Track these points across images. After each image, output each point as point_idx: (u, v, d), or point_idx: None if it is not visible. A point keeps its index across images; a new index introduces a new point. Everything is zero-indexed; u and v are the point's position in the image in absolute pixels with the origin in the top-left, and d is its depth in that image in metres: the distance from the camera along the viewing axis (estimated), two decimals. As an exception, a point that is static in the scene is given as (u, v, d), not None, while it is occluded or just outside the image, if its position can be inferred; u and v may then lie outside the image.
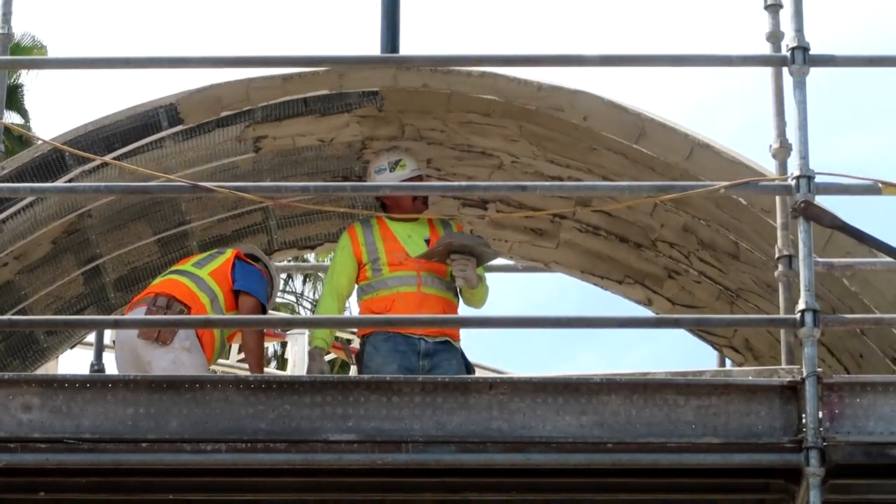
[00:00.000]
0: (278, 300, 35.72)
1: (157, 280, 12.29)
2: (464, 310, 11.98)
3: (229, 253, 12.13)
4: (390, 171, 11.99)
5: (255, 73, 11.86)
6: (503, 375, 10.60)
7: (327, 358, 13.21)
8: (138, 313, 11.83)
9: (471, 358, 12.14)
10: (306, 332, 21.55)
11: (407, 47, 13.32)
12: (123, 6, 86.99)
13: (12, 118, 37.64)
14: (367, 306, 11.99)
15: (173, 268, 12.25)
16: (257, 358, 12.05)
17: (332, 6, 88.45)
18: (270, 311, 13.71)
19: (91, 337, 14.29)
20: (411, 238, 11.85)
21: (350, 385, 9.88)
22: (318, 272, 41.08)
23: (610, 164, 12.06)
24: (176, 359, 11.54)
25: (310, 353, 12.34)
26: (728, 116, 75.54)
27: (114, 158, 11.42)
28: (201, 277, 11.89)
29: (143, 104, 11.84)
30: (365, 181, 12.52)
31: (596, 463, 9.26)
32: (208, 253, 12.37)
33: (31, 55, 39.28)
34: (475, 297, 11.84)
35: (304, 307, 47.33)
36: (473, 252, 11.64)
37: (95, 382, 10.28)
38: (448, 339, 11.61)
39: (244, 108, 11.94)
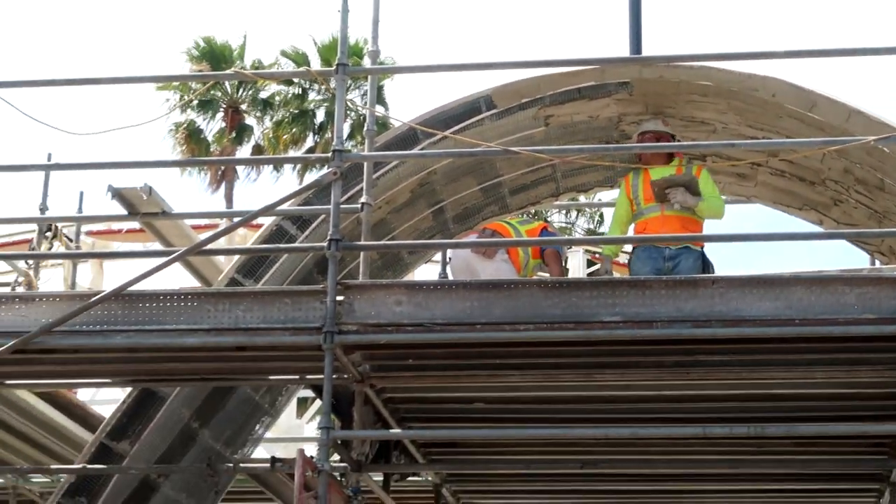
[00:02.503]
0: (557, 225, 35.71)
1: (489, 222, 12.77)
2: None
3: (538, 224, 12.72)
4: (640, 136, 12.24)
5: (541, 72, 12.14)
6: (721, 275, 10.63)
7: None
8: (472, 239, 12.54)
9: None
10: (580, 249, 21.79)
11: (647, 48, 13.48)
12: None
13: (378, 109, 38.24)
14: (636, 228, 12.24)
15: (503, 217, 12.76)
16: (557, 274, 12.44)
17: (585, 15, 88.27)
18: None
19: (438, 255, 14.55)
20: None
21: (616, 283, 10.13)
22: (586, 208, 40.57)
23: (791, 127, 12.08)
24: (497, 268, 11.83)
25: (602, 259, 12.77)
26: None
27: (451, 133, 11.66)
28: (519, 230, 12.39)
29: (468, 95, 12.12)
30: (620, 143, 12.75)
31: (786, 333, 9.35)
32: (526, 217, 12.95)
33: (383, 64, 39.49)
34: (703, 211, 11.87)
35: (577, 232, 46.92)
36: (681, 184, 11.80)
37: (444, 285, 10.62)
38: (687, 245, 11.70)
39: (537, 96, 12.14)
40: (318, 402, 25.05)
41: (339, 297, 9.76)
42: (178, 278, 11.52)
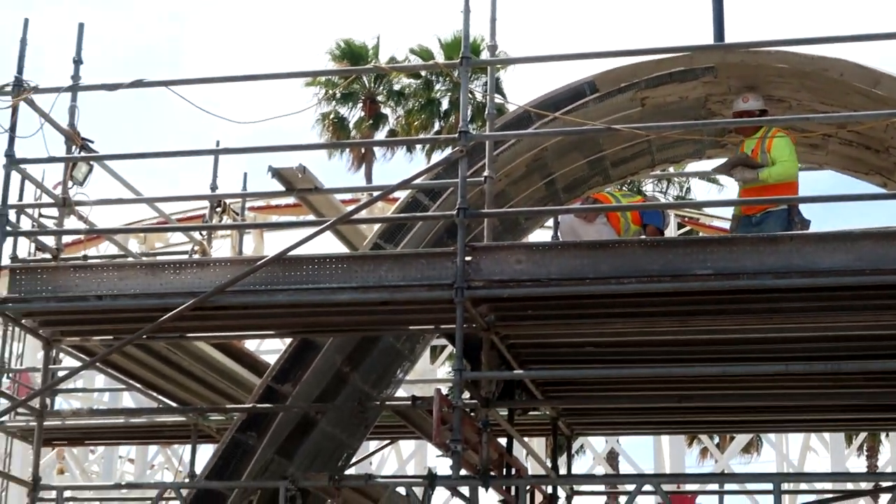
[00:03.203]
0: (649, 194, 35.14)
1: (594, 192, 12.74)
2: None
3: (639, 198, 12.76)
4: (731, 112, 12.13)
5: (637, 59, 12.05)
6: (797, 232, 10.54)
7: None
8: None
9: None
10: (671, 213, 21.70)
11: (729, 34, 13.27)
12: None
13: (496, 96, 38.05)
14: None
15: (607, 189, 12.69)
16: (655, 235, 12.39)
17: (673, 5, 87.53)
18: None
19: (550, 221, 14.47)
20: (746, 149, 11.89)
21: (707, 241, 10.14)
22: (675, 178, 39.89)
23: (857, 102, 11.87)
24: (598, 231, 11.79)
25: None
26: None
27: (560, 114, 11.62)
28: (621, 200, 12.29)
29: (574, 82, 12.07)
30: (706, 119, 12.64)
31: (857, 282, 9.31)
32: (630, 191, 12.86)
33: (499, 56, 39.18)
34: (770, 178, 11.58)
35: (668, 198, 46.39)
36: (740, 163, 11.67)
37: (557, 246, 10.69)
38: (768, 211, 11.49)
39: (633, 81, 12.04)
40: (450, 349, 25.14)
41: (468, 258, 9.82)
42: (329, 244, 11.62)
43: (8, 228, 10.87)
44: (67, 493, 13.18)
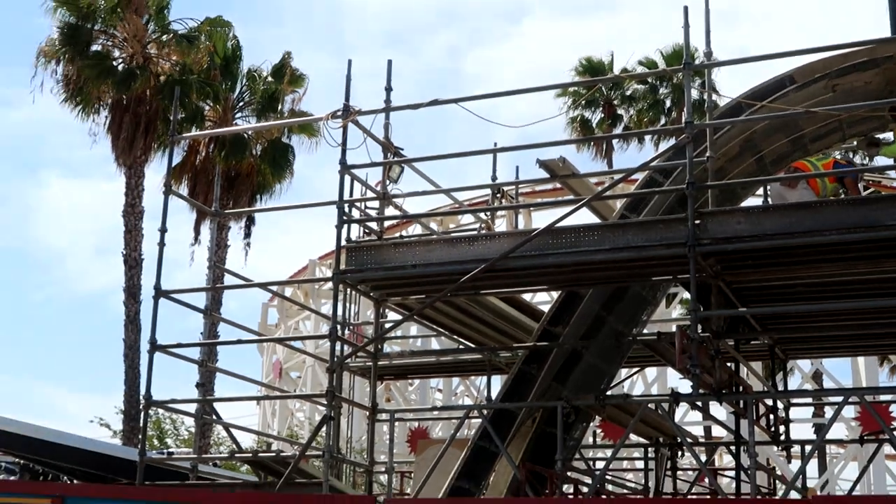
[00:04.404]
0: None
1: (794, 162, 12.11)
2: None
3: (831, 159, 12.01)
4: None
5: (827, 54, 11.51)
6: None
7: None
8: None
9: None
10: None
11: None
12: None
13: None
14: None
15: (805, 158, 12.12)
16: (854, 194, 11.70)
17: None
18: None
19: (760, 190, 13.78)
20: None
21: (893, 198, 9.58)
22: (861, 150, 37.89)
23: None
24: (800, 195, 11.29)
25: None
26: None
27: (766, 103, 11.27)
28: (816, 165, 11.73)
29: (776, 76, 11.79)
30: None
31: None
32: (823, 154, 12.16)
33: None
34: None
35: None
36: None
37: (768, 208, 10.46)
38: None
39: (826, 72, 11.59)
40: (683, 294, 24.65)
41: (697, 221, 9.65)
42: (585, 217, 11.59)
43: (344, 218, 11.21)
44: (398, 416, 13.66)
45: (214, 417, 13.43)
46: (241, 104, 29.18)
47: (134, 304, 26.63)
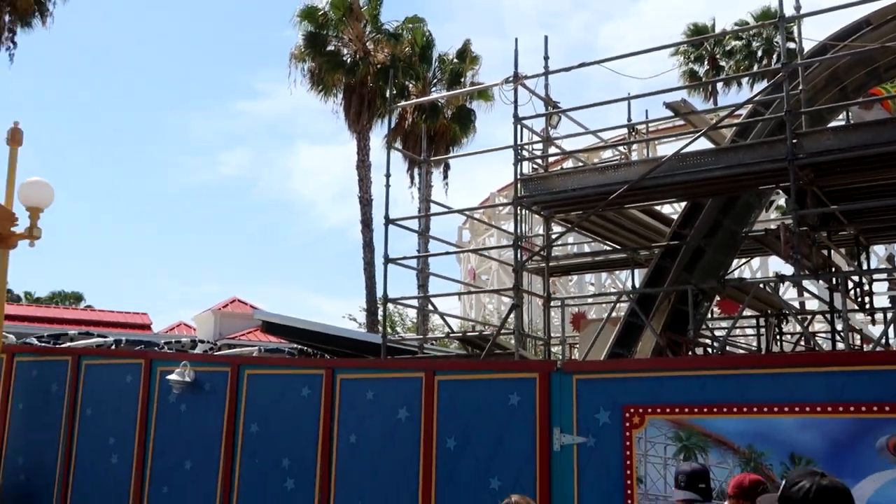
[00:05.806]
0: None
1: (872, 88, 10.95)
2: None
3: None
4: None
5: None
6: None
7: None
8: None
9: None
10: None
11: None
12: None
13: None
14: None
15: (881, 84, 10.97)
16: None
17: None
18: None
19: (842, 115, 12.74)
20: None
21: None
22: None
23: None
24: (876, 114, 10.19)
25: None
26: None
27: (847, 42, 10.43)
28: (889, 90, 10.46)
29: (854, 20, 10.78)
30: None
31: None
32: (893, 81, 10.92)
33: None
34: None
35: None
36: None
37: (850, 126, 9.68)
38: None
39: (896, 14, 10.63)
40: (780, 201, 23.37)
41: (794, 141, 9.11)
42: (704, 144, 11.09)
43: (519, 157, 11.13)
44: (566, 302, 13.57)
45: (432, 308, 13.70)
46: (435, 81, 29.46)
47: (368, 232, 27.40)
